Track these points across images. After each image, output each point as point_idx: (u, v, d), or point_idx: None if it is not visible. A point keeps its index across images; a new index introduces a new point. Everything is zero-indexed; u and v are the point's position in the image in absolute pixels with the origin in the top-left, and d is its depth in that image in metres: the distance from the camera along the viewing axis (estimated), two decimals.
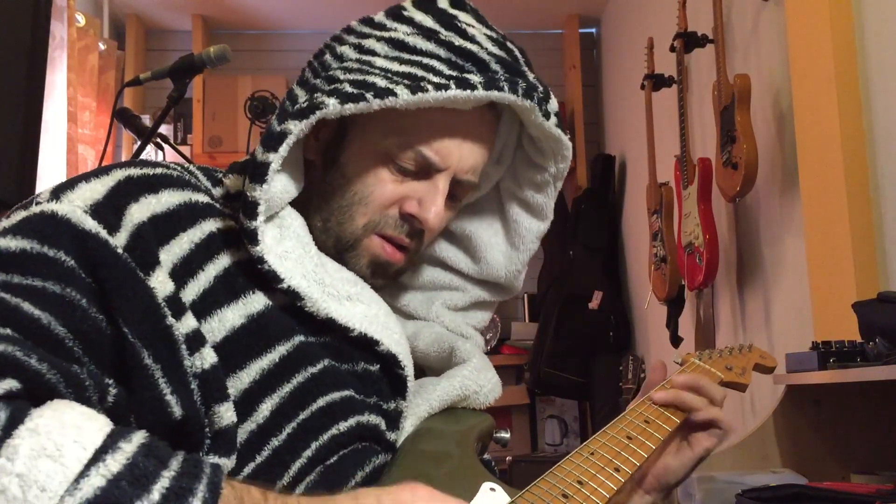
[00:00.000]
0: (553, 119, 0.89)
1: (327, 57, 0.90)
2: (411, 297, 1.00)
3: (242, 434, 0.76)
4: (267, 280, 0.79)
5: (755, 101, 2.10)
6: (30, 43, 1.53)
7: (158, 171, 0.80)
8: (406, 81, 0.81)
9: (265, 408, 0.76)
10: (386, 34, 0.87)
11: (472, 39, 0.87)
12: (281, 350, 0.78)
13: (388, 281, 0.93)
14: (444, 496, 0.66)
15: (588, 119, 4.06)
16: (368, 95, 0.79)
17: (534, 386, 3.58)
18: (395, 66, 0.83)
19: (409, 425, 0.87)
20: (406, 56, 0.84)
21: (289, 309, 0.80)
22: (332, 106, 0.79)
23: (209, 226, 0.79)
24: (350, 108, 0.79)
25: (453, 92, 0.81)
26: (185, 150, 3.73)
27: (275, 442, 0.76)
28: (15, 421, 0.57)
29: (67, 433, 0.57)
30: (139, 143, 2.06)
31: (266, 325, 0.78)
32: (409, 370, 0.87)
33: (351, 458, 0.80)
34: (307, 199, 0.89)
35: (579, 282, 3.59)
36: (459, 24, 0.88)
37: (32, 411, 0.58)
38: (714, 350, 1.18)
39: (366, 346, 0.84)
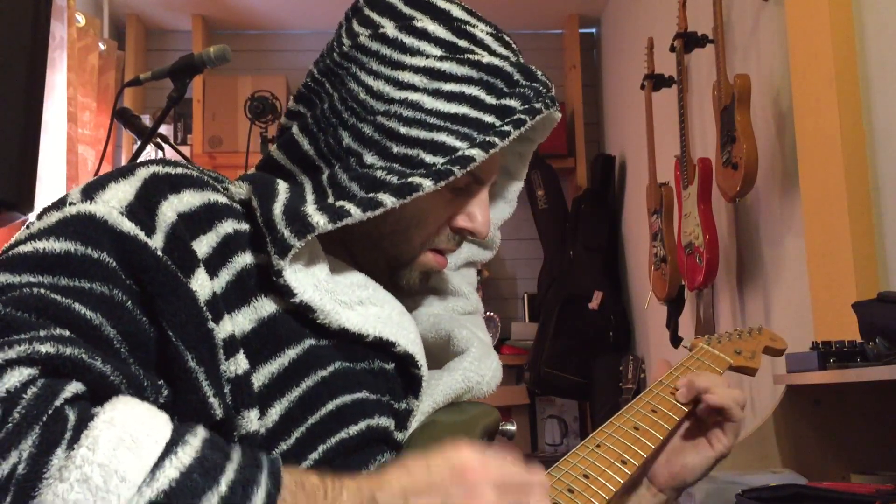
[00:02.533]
0: (557, 105, 0.93)
1: (356, 88, 0.87)
2: None
3: None
4: (280, 292, 0.79)
5: (755, 101, 2.10)
6: (30, 43, 1.52)
7: (179, 170, 0.80)
8: (465, 130, 0.84)
9: (274, 412, 0.76)
10: (418, 62, 0.86)
11: (487, 48, 0.89)
12: (291, 354, 0.78)
13: (427, 284, 0.97)
14: (484, 449, 0.68)
15: (588, 119, 4.06)
16: (455, 169, 0.83)
17: (534, 386, 3.58)
18: (444, 106, 0.85)
19: (414, 422, 0.88)
20: (446, 88, 0.85)
21: (300, 313, 0.80)
22: (427, 187, 0.82)
23: (224, 228, 0.79)
24: (441, 184, 0.83)
25: (513, 134, 0.86)
26: (185, 150, 3.73)
27: (283, 446, 0.76)
28: (89, 414, 0.58)
29: (140, 426, 0.59)
30: (139, 143, 2.06)
31: (276, 329, 0.78)
32: (425, 370, 0.87)
33: (357, 457, 0.80)
34: None
35: (579, 282, 3.59)
36: (466, 29, 0.89)
37: (105, 405, 0.60)
38: (723, 334, 1.16)
39: (382, 348, 0.84)
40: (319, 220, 0.79)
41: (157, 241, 0.73)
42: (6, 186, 1.47)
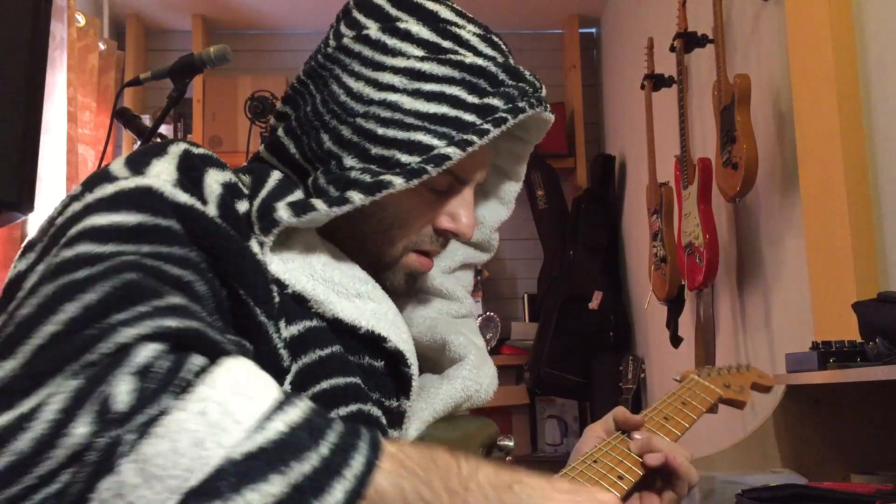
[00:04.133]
0: (547, 106, 0.93)
1: (337, 90, 0.87)
2: None
3: None
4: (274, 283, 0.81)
5: (755, 101, 2.10)
6: (30, 43, 1.52)
7: (202, 150, 0.82)
8: (444, 129, 0.84)
9: None
10: (399, 63, 0.86)
11: (472, 49, 0.89)
12: (292, 330, 0.80)
13: (414, 286, 0.97)
14: None
15: (588, 119, 4.06)
16: (429, 167, 0.83)
17: (534, 386, 3.58)
18: (423, 106, 0.84)
19: (413, 430, 0.88)
20: (426, 88, 0.85)
21: (296, 299, 0.82)
22: (398, 185, 0.82)
23: (243, 206, 0.81)
24: (414, 182, 0.83)
25: (493, 132, 0.85)
26: None
27: None
28: (205, 367, 0.60)
29: (255, 380, 0.61)
30: (139, 142, 2.06)
31: (284, 303, 0.80)
32: (415, 369, 0.87)
33: None
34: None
35: (579, 282, 3.59)
36: (452, 30, 0.89)
37: (224, 358, 0.62)
38: (713, 368, 1.22)
39: (373, 342, 0.85)
40: (283, 214, 0.81)
41: (211, 210, 0.75)
42: (6, 186, 1.47)
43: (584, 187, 3.87)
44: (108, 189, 0.73)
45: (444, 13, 0.90)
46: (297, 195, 0.85)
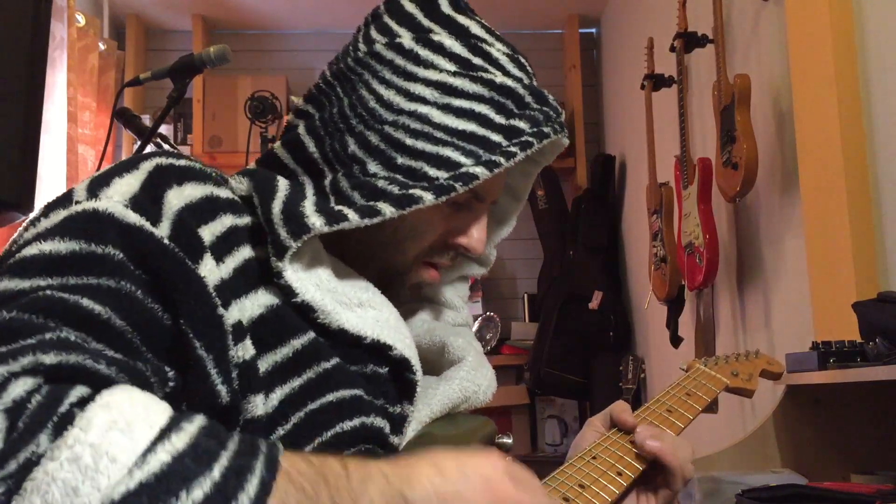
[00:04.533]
0: (566, 131, 0.94)
1: (366, 95, 0.88)
2: None
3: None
4: (283, 291, 0.80)
5: (755, 101, 2.10)
6: (30, 43, 1.52)
7: (182, 162, 0.81)
8: (472, 147, 0.85)
9: (274, 397, 0.77)
10: (431, 75, 0.87)
11: (501, 68, 0.90)
12: (295, 344, 0.79)
13: (418, 296, 0.98)
14: (515, 467, 0.68)
15: (588, 119, 4.06)
16: (457, 185, 0.83)
17: (534, 386, 3.58)
18: (452, 121, 0.85)
19: (410, 430, 0.88)
20: (456, 103, 0.86)
21: (300, 311, 0.81)
22: (428, 200, 0.83)
23: (229, 220, 0.80)
24: (443, 199, 0.83)
25: (519, 156, 0.86)
26: (185, 149, 3.73)
27: (280, 431, 0.77)
28: (87, 399, 0.59)
29: (136, 412, 0.59)
30: (139, 142, 2.06)
31: (283, 317, 0.79)
32: (420, 374, 0.87)
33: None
34: None
35: (579, 282, 3.59)
36: (482, 47, 0.90)
37: (103, 391, 0.60)
38: (720, 356, 1.18)
39: (378, 350, 0.84)
40: (316, 221, 0.80)
41: (163, 230, 0.73)
42: (6, 186, 1.48)
43: (584, 187, 3.87)
44: (60, 215, 0.73)
45: (475, 29, 0.91)
46: (312, 200, 0.85)
